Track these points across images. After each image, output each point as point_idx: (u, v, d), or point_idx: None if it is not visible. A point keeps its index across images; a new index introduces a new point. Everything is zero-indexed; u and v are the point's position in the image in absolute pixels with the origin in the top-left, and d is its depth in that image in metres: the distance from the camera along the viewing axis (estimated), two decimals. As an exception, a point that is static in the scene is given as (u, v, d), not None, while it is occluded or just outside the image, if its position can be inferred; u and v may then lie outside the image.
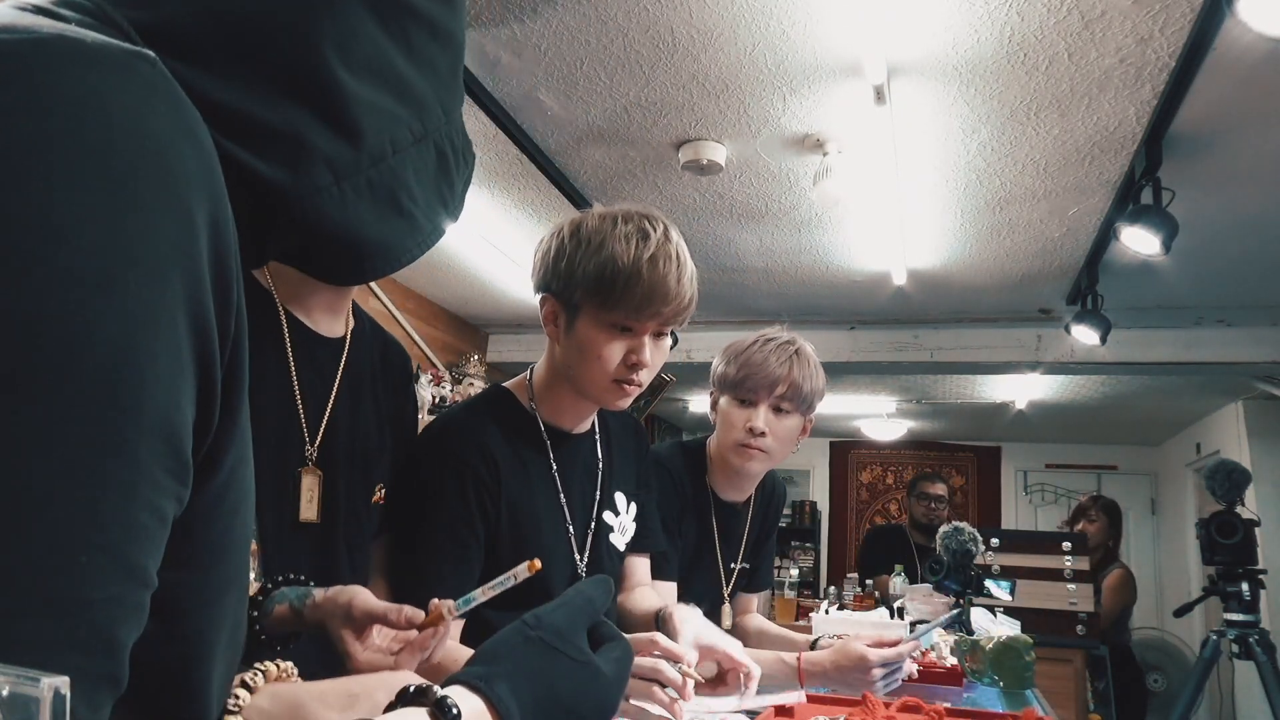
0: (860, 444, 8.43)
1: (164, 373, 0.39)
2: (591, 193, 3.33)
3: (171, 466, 0.40)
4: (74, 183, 0.36)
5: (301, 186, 0.51)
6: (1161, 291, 4.05)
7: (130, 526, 0.38)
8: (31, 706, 0.29)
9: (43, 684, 0.29)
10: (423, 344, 4.66)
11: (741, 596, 1.96)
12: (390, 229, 0.57)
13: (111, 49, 0.40)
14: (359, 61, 0.53)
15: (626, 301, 1.22)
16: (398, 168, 0.56)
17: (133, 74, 0.39)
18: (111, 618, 0.38)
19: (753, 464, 1.72)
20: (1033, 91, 2.49)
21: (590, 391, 1.30)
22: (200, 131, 0.42)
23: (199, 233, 0.40)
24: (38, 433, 0.35)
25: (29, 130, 0.36)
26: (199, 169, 0.41)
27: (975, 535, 2.40)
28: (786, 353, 1.68)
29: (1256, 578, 3.13)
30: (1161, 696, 4.97)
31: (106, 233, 0.37)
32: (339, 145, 0.52)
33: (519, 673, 0.59)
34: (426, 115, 0.59)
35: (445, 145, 0.62)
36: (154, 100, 0.40)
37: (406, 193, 0.58)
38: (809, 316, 4.83)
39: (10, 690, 0.29)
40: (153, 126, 0.39)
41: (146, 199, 0.38)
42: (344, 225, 0.54)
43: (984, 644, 1.85)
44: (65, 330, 0.36)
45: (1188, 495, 6.78)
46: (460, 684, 0.58)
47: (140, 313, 0.37)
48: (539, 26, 2.31)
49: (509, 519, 1.27)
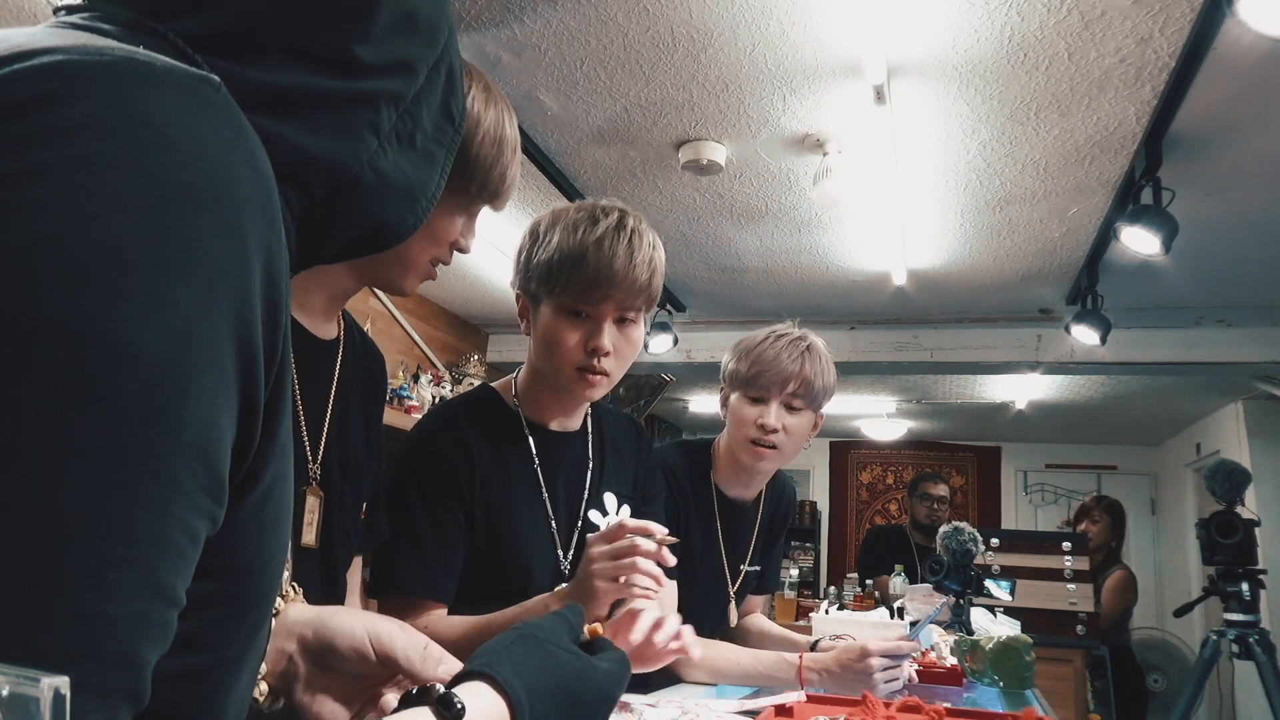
0: (860, 444, 8.43)
1: (206, 391, 0.39)
2: (591, 193, 3.33)
3: (207, 485, 0.40)
4: (132, 201, 0.37)
5: (360, 155, 0.54)
6: (1161, 291, 4.05)
7: (162, 544, 0.38)
8: (31, 706, 0.29)
9: (43, 684, 0.29)
10: (423, 344, 4.66)
11: (748, 597, 1.95)
12: (418, 171, 0.59)
13: (178, 73, 0.41)
14: (386, 25, 0.55)
15: (574, 285, 1.23)
16: (414, 109, 0.58)
17: (196, 97, 0.40)
18: (135, 634, 0.38)
19: (765, 462, 1.71)
20: (1033, 91, 2.49)
21: (557, 381, 1.31)
22: (259, 155, 0.43)
23: (251, 255, 0.41)
24: (76, 445, 0.35)
25: (94, 149, 0.37)
26: (256, 193, 0.42)
27: (975, 535, 2.39)
28: (798, 348, 1.68)
29: (1256, 578, 3.12)
30: (1161, 696, 4.97)
31: (160, 251, 0.37)
32: (372, 110, 0.54)
33: (519, 661, 0.62)
34: (436, 39, 0.59)
35: (455, 60, 0.62)
36: (216, 124, 0.41)
37: (421, 130, 0.59)
38: (809, 316, 4.82)
39: (10, 690, 0.29)
40: (212, 150, 0.40)
41: (201, 220, 0.39)
42: (396, 180, 0.57)
43: (984, 644, 1.85)
44: (112, 344, 0.36)
45: (1188, 495, 6.78)
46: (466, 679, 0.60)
47: (187, 330, 0.38)
48: (539, 27, 2.31)
49: (484, 514, 1.28)
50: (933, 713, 1.20)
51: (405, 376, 4.06)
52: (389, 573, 1.24)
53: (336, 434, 1.07)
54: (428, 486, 1.27)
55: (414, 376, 4.14)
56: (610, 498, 1.45)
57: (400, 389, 3.80)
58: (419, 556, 1.24)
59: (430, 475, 1.27)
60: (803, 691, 1.42)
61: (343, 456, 1.09)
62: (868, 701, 1.24)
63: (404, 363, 4.32)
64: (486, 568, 1.29)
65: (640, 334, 1.32)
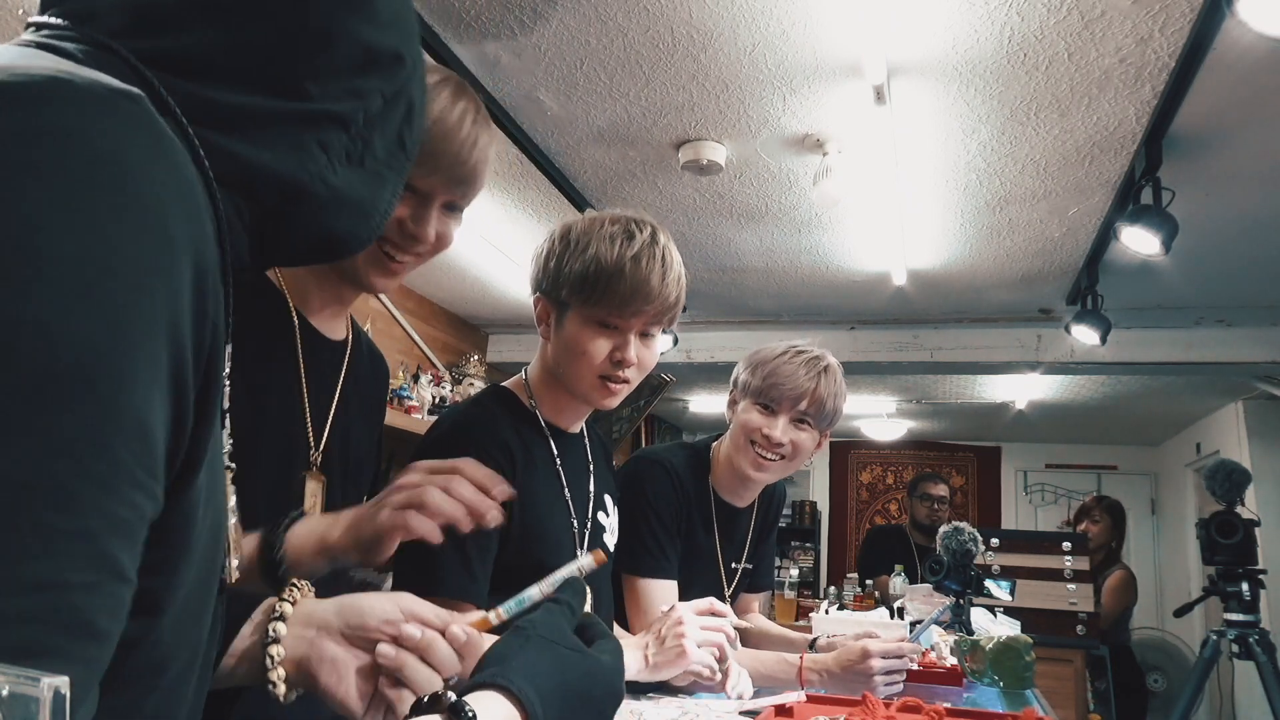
0: (860, 444, 8.43)
1: (142, 379, 0.41)
2: (591, 193, 3.33)
3: (148, 466, 0.42)
4: (56, 205, 0.40)
5: (308, 167, 0.58)
6: (1161, 291, 4.05)
7: (108, 519, 0.40)
8: (31, 706, 0.29)
9: (43, 684, 0.29)
10: (423, 344, 4.66)
11: (743, 597, 1.96)
12: (367, 188, 0.63)
13: (97, 88, 0.44)
14: (341, 53, 0.59)
15: (609, 299, 1.24)
16: (365, 132, 0.62)
17: (115, 110, 0.44)
18: (90, 604, 0.39)
19: (765, 473, 1.72)
20: (1033, 91, 2.49)
21: (578, 389, 1.31)
22: (180, 161, 0.46)
23: (177, 251, 0.44)
24: (18, 425, 0.38)
25: (16, 158, 0.40)
26: (177, 194, 0.45)
27: (975, 535, 2.40)
28: (816, 367, 1.69)
29: (1256, 578, 3.12)
30: (1161, 696, 4.97)
31: (85, 248, 0.40)
32: (326, 129, 0.59)
33: (530, 666, 0.63)
34: (396, 72, 0.63)
35: (415, 92, 0.66)
36: (134, 133, 0.44)
37: (371, 153, 0.63)
38: (809, 316, 4.83)
39: (10, 690, 0.29)
40: (131, 156, 0.43)
41: (123, 219, 0.42)
42: (347, 195, 0.60)
43: (984, 644, 1.85)
44: (46, 333, 0.38)
45: (1188, 495, 6.78)
46: (477, 687, 0.61)
47: (119, 319, 0.41)
48: (539, 27, 2.31)
49: (520, 513, 1.27)
50: (933, 713, 1.20)
51: (405, 376, 4.06)
52: (429, 574, 1.20)
53: (340, 428, 1.10)
54: None
55: (414, 376, 4.14)
56: (609, 499, 1.46)
57: (400, 389, 3.80)
58: (462, 559, 1.21)
59: None
60: (802, 691, 1.42)
61: (344, 450, 1.11)
62: (868, 701, 1.24)
63: (404, 363, 4.32)
64: (518, 568, 1.26)
65: (659, 346, 1.34)
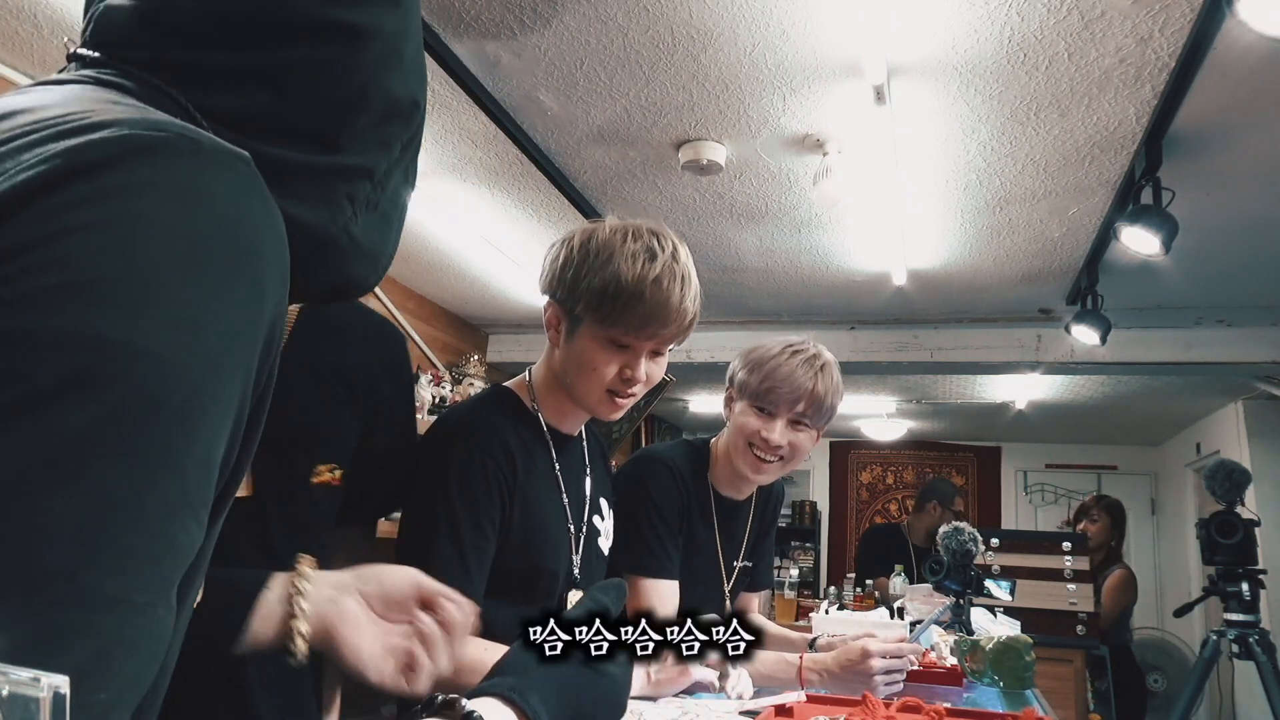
0: (860, 444, 8.43)
1: (219, 414, 0.45)
2: (591, 193, 3.33)
3: (205, 498, 0.44)
4: (181, 254, 0.44)
5: (336, 221, 0.60)
6: (1161, 291, 4.05)
7: (172, 545, 0.42)
8: (31, 706, 0.29)
9: (43, 684, 0.29)
10: (423, 344, 4.66)
11: (742, 595, 1.96)
12: (379, 234, 0.65)
13: (220, 149, 0.48)
14: (376, 111, 0.62)
15: (627, 320, 1.23)
16: (385, 180, 0.64)
17: (235, 171, 0.48)
18: (150, 626, 0.40)
19: (762, 475, 1.72)
20: (1033, 91, 2.49)
21: (584, 401, 1.32)
22: (279, 222, 0.50)
23: (266, 305, 0.48)
24: (115, 445, 0.40)
25: (150, 209, 0.44)
26: (276, 255, 0.49)
27: (975, 535, 2.39)
28: (813, 367, 1.66)
29: (1256, 578, 3.13)
30: (1161, 696, 4.97)
31: (200, 295, 0.44)
32: (356, 182, 0.61)
33: (548, 684, 0.63)
34: (412, 119, 0.66)
35: (419, 130, 0.68)
36: (250, 194, 0.48)
37: (385, 195, 0.65)
38: (809, 316, 4.83)
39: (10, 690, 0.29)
40: (248, 217, 0.47)
41: (235, 274, 0.46)
42: (364, 244, 0.63)
43: (984, 644, 1.85)
44: (157, 363, 0.41)
45: (1188, 495, 6.78)
46: (491, 696, 0.60)
47: (216, 361, 0.44)
48: (539, 27, 2.31)
49: (521, 515, 1.28)
50: (933, 713, 1.20)
51: (405, 376, 4.05)
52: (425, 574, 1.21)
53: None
54: (473, 488, 1.24)
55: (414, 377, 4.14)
56: (604, 503, 1.47)
57: (400, 389, 3.79)
58: (460, 560, 1.21)
59: (476, 476, 1.25)
60: (802, 691, 1.42)
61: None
62: (868, 701, 1.24)
63: (404, 363, 4.32)
64: (517, 571, 1.28)
65: (666, 361, 1.34)
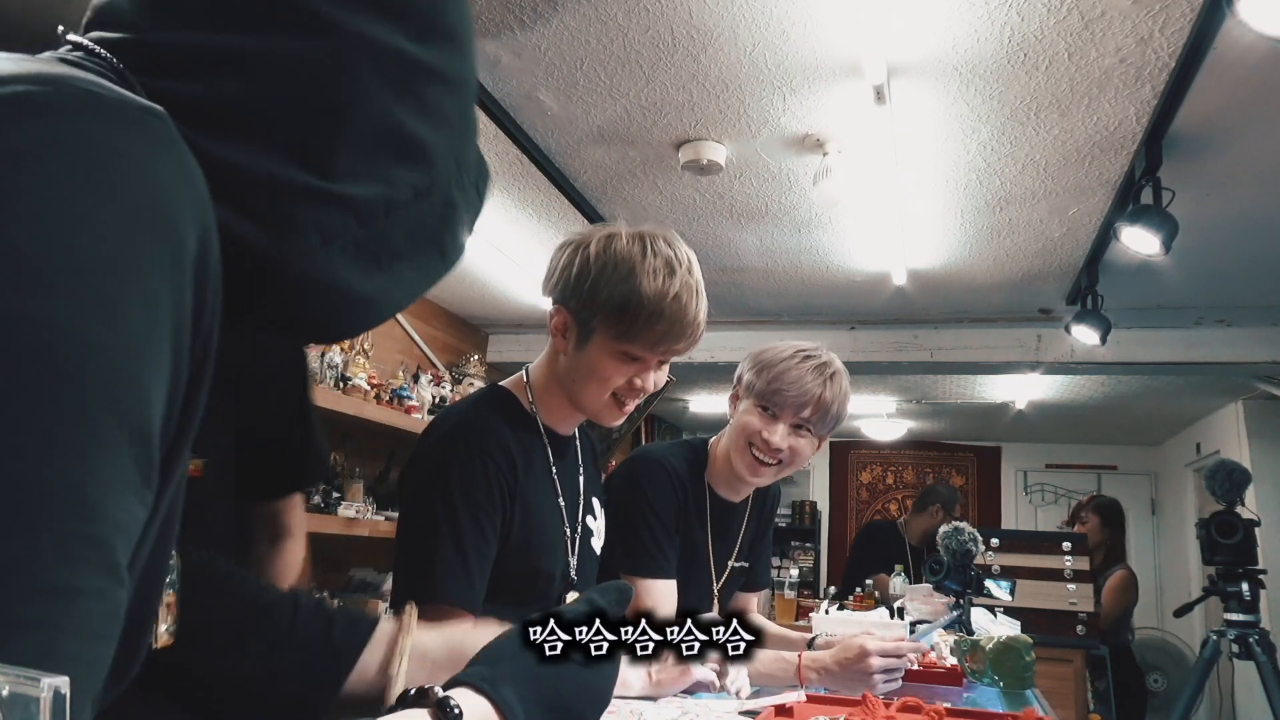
0: (860, 444, 8.43)
1: (146, 384, 0.42)
2: (591, 193, 3.33)
3: (147, 470, 0.42)
4: (89, 217, 0.41)
5: (287, 250, 0.52)
6: (1161, 291, 4.05)
7: (116, 525, 0.40)
8: (31, 706, 0.29)
9: (43, 684, 0.29)
10: (423, 344, 4.66)
11: (741, 595, 1.96)
12: (372, 286, 0.57)
13: (128, 103, 0.45)
14: (367, 134, 0.55)
15: (645, 336, 1.23)
16: (388, 229, 0.57)
17: (145, 127, 0.44)
18: (100, 610, 0.39)
19: (760, 477, 1.71)
20: (1033, 91, 2.49)
21: (588, 407, 1.32)
22: (198, 178, 0.46)
23: (187, 267, 0.44)
24: (30, 426, 0.38)
25: (53, 169, 0.41)
26: (195, 214, 0.45)
27: (975, 535, 2.40)
28: (823, 374, 1.65)
29: (1256, 578, 3.13)
30: (1161, 696, 4.97)
31: (110, 261, 0.41)
32: (331, 211, 0.53)
33: (522, 675, 0.61)
34: (436, 170, 0.59)
35: (455, 194, 0.61)
36: (160, 150, 0.45)
37: (389, 251, 0.57)
38: (809, 316, 4.83)
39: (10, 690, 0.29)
40: (156, 174, 0.44)
41: (147, 234, 0.42)
42: (324, 285, 0.54)
43: (984, 644, 1.85)
44: (62, 334, 0.39)
45: (1188, 495, 6.78)
46: (465, 685, 0.60)
47: (130, 331, 0.41)
48: (539, 27, 2.32)
49: (521, 517, 1.28)
50: (933, 713, 1.20)
51: (405, 376, 4.06)
52: (427, 578, 1.19)
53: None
54: (474, 491, 1.23)
55: (414, 376, 4.14)
56: (597, 503, 1.47)
57: (400, 389, 3.80)
58: (463, 564, 1.20)
59: (478, 479, 1.24)
60: (802, 691, 1.42)
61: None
62: (868, 701, 1.24)
63: (404, 363, 4.32)
64: (517, 572, 1.28)
65: (668, 367, 1.35)
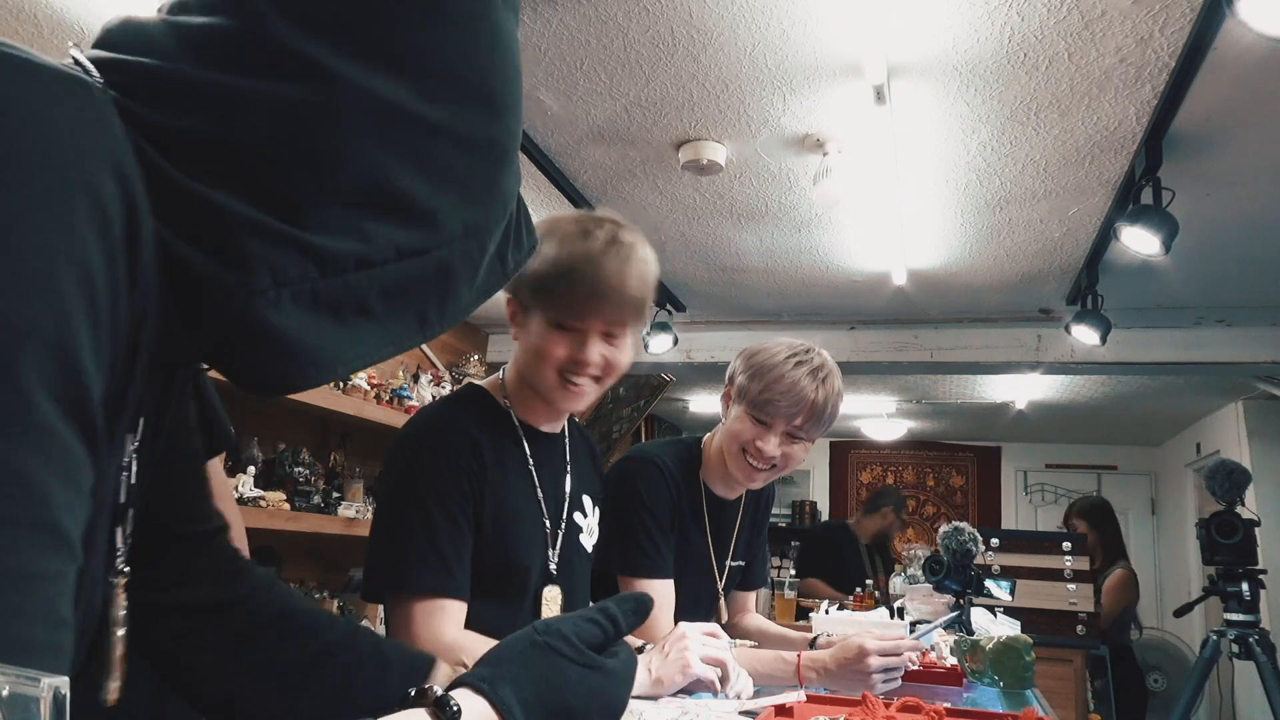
0: (860, 444, 8.43)
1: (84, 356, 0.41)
2: (592, 193, 3.33)
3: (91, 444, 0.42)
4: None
5: (235, 285, 0.49)
6: (1161, 291, 4.05)
7: (63, 504, 0.40)
8: (31, 706, 0.29)
9: (43, 684, 0.29)
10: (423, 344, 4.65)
11: (739, 595, 1.96)
12: (321, 339, 0.53)
13: (55, 69, 0.44)
14: (348, 186, 0.52)
15: (565, 300, 1.24)
16: (360, 283, 0.53)
17: (63, 87, 0.44)
18: (57, 593, 0.39)
19: (754, 483, 1.73)
20: (1033, 91, 2.49)
21: (540, 390, 1.31)
22: (113, 128, 0.45)
23: (114, 221, 0.43)
24: None
25: None
26: (107, 158, 0.43)
27: (975, 535, 2.40)
28: (816, 379, 1.61)
29: (1256, 578, 3.13)
30: (1161, 696, 4.97)
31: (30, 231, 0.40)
32: (288, 254, 0.50)
33: (524, 676, 0.61)
34: (435, 232, 0.56)
35: (455, 260, 0.57)
36: (74, 108, 0.43)
37: (355, 305, 0.54)
38: (809, 316, 4.83)
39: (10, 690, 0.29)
40: (59, 122, 0.42)
41: (58, 191, 0.41)
42: (265, 327, 0.50)
43: (984, 644, 1.85)
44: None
45: (1188, 495, 6.78)
46: (465, 686, 0.60)
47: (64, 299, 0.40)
48: (539, 26, 2.32)
49: (493, 510, 1.28)
50: (933, 713, 1.20)
51: (405, 376, 4.06)
52: (403, 575, 1.20)
53: None
54: (442, 483, 1.24)
55: (414, 376, 4.14)
56: (588, 500, 1.47)
57: (400, 389, 3.80)
58: (436, 555, 1.20)
59: (444, 472, 1.25)
60: (802, 691, 1.42)
61: None
62: (868, 701, 1.24)
63: (404, 363, 4.32)
64: (490, 567, 1.28)
65: (630, 348, 1.31)
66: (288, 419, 3.39)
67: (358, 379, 3.44)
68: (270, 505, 2.88)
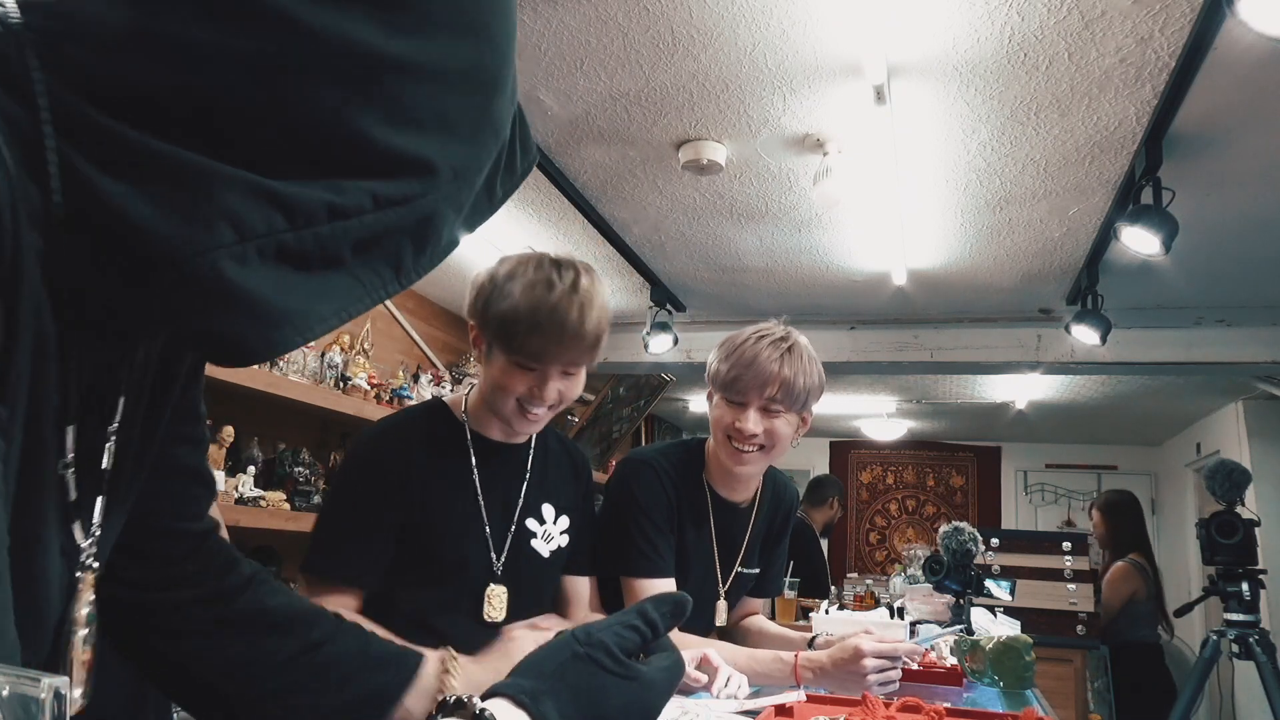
0: (860, 444, 8.43)
1: None
2: (591, 193, 3.33)
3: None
4: None
5: (195, 240, 0.44)
6: (1161, 291, 4.05)
7: None
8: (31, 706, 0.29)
9: (43, 684, 0.29)
10: (423, 344, 4.66)
11: (747, 600, 1.95)
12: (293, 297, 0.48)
13: None
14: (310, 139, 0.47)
15: (526, 347, 1.35)
16: (333, 234, 0.48)
17: None
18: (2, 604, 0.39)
19: (745, 466, 1.69)
20: (1033, 91, 2.49)
21: (500, 415, 1.44)
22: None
23: None
24: None
25: None
26: None
27: (975, 535, 2.40)
28: (778, 350, 1.63)
29: (1256, 578, 3.12)
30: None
31: None
32: (252, 203, 0.46)
33: (565, 690, 0.58)
34: (414, 179, 0.51)
35: (440, 205, 0.53)
36: None
37: (327, 256, 0.49)
38: (809, 316, 4.83)
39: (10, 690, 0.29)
40: None
41: None
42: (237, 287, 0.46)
43: (984, 644, 1.85)
44: None
45: (1188, 495, 6.78)
46: (504, 697, 0.57)
47: None
48: (539, 26, 2.32)
49: (421, 513, 1.42)
50: (933, 713, 1.20)
51: (405, 376, 4.06)
52: (309, 556, 1.40)
53: None
54: (361, 485, 1.43)
55: (414, 376, 4.14)
56: (549, 508, 1.55)
57: (400, 389, 3.80)
58: (333, 544, 1.40)
59: (367, 475, 1.43)
60: (802, 691, 1.42)
61: None
62: (868, 701, 1.24)
63: (404, 363, 4.32)
64: (424, 559, 1.43)
65: (583, 378, 1.45)
66: (288, 419, 3.39)
67: (357, 378, 3.44)
68: (270, 505, 2.88)
